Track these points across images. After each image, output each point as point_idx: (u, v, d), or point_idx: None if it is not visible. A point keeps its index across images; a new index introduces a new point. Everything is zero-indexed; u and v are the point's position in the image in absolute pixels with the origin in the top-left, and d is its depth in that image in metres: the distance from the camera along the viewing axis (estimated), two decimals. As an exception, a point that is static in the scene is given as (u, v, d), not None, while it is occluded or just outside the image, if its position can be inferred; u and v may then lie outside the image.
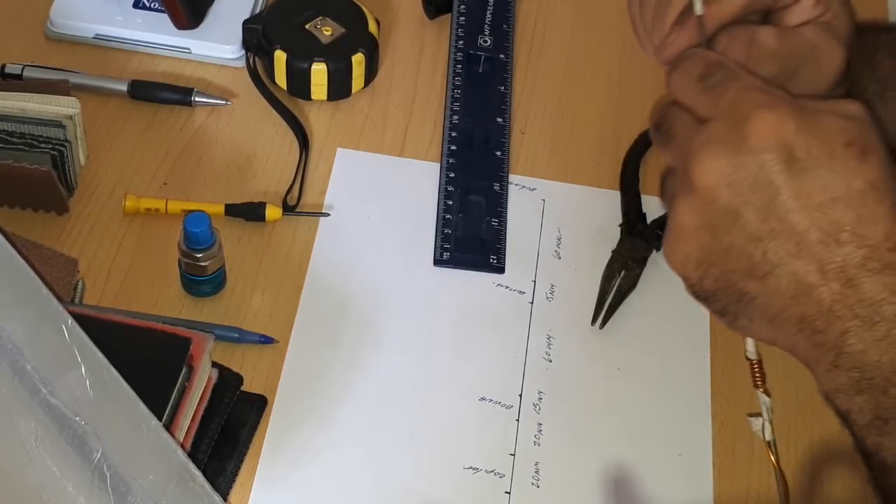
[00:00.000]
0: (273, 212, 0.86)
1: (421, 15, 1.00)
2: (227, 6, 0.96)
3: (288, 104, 0.93)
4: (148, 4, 0.96)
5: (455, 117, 0.94)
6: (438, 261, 0.86)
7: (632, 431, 0.80)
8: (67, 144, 0.83)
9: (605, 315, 0.84)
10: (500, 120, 0.94)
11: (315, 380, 0.79)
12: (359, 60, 0.92)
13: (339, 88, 0.93)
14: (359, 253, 0.86)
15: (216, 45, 0.95)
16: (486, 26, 1.00)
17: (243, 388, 0.76)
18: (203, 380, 0.72)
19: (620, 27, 1.00)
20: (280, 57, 0.91)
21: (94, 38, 0.95)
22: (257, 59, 0.94)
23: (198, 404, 0.72)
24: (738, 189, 0.55)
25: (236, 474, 0.74)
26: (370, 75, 0.95)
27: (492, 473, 0.77)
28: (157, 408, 0.66)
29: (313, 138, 0.92)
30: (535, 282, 0.86)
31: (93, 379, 0.64)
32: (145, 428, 0.65)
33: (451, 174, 0.90)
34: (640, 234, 0.88)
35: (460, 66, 0.97)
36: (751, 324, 0.59)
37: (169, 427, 0.68)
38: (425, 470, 0.77)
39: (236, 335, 0.80)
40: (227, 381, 0.75)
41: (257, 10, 0.97)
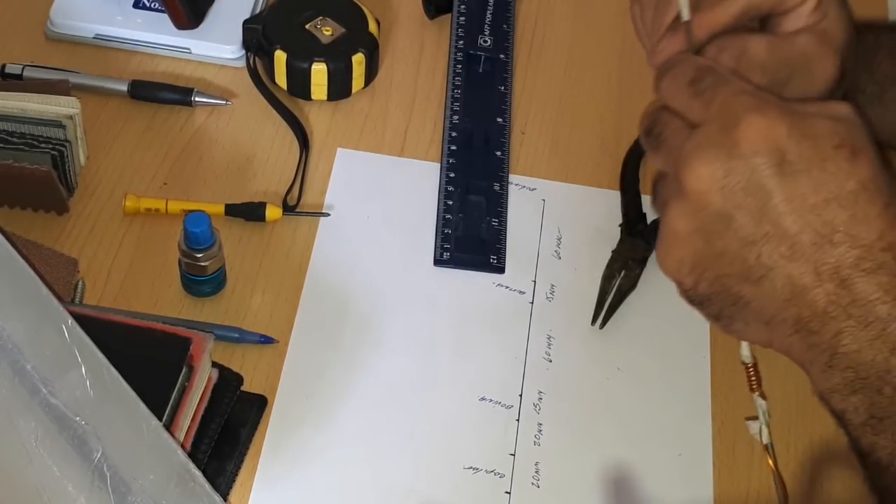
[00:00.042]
0: (273, 212, 0.86)
1: (421, 15, 1.00)
2: (227, 6, 0.96)
3: (288, 104, 0.93)
4: (148, 4, 0.96)
5: (455, 117, 0.94)
6: (438, 261, 0.86)
7: (632, 431, 0.80)
8: (67, 144, 0.83)
9: (605, 315, 0.84)
10: (500, 120, 0.94)
11: (315, 380, 0.79)
12: (359, 60, 0.92)
13: (340, 88, 0.93)
14: (359, 253, 0.86)
15: (216, 45, 0.95)
16: (486, 26, 1.00)
17: (243, 388, 0.76)
18: (203, 380, 0.72)
19: (620, 27, 1.00)
20: (280, 57, 0.91)
21: (94, 38, 0.95)
22: (257, 59, 0.94)
23: (198, 404, 0.72)
24: (731, 193, 0.55)
25: (236, 474, 0.74)
26: (370, 75, 0.95)
27: (492, 473, 0.77)
28: (157, 408, 0.66)
29: (313, 138, 0.92)
30: (535, 282, 0.86)
31: (93, 379, 0.64)
32: (145, 428, 0.65)
33: (452, 174, 0.90)
34: (640, 234, 0.88)
35: (460, 66, 0.97)
36: (746, 327, 0.59)
37: (169, 427, 0.68)
38: (425, 470, 0.77)
39: (236, 335, 0.80)
40: (227, 381, 0.75)
41: (257, 10, 0.97)
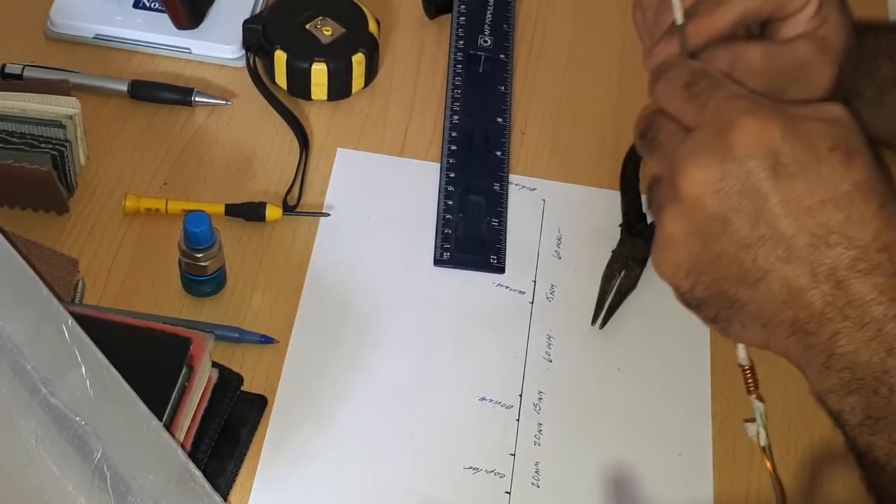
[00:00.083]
0: (273, 212, 0.86)
1: (421, 15, 1.00)
2: (228, 6, 0.96)
3: (288, 104, 0.93)
4: (148, 4, 0.96)
5: (455, 117, 0.94)
6: (438, 261, 0.86)
7: (632, 431, 0.80)
8: (67, 144, 0.83)
9: (605, 315, 0.84)
10: (500, 120, 0.94)
11: (315, 380, 0.79)
12: (359, 60, 0.92)
13: (340, 88, 0.93)
14: (359, 253, 0.86)
15: (216, 45, 0.95)
16: (486, 26, 1.00)
17: (243, 388, 0.76)
18: (203, 380, 0.72)
19: (620, 27, 1.00)
20: (280, 57, 0.91)
21: (95, 38, 0.95)
22: (257, 59, 0.94)
23: (198, 404, 0.72)
24: (726, 197, 0.55)
25: (236, 474, 0.74)
26: (370, 75, 0.95)
27: (492, 473, 0.77)
28: (157, 408, 0.66)
29: (313, 138, 0.92)
30: (535, 282, 0.86)
31: (93, 379, 0.64)
32: (145, 428, 0.65)
33: (452, 174, 0.90)
34: (640, 234, 0.88)
35: (460, 66, 0.97)
36: (743, 329, 0.59)
37: (169, 427, 0.68)
38: (425, 470, 0.77)
39: (236, 335, 0.80)
40: (228, 381, 0.75)
41: (257, 10, 0.97)
